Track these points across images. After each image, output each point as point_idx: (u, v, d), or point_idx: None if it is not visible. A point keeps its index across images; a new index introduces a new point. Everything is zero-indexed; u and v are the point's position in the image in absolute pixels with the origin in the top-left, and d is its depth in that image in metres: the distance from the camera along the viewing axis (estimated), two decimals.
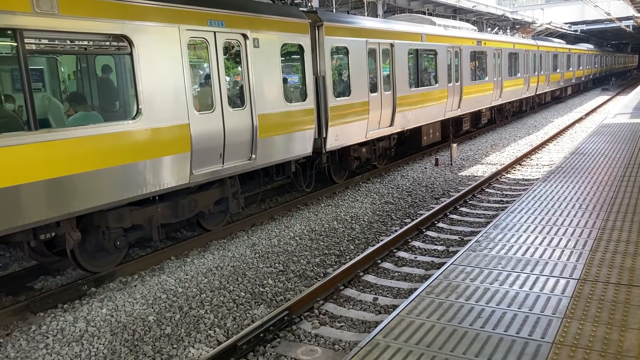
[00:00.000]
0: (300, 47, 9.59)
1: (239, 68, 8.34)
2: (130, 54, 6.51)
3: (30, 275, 7.12)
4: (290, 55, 9.80)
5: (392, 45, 12.34)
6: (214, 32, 7.67)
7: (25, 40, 5.57)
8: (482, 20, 29.92)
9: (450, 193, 11.09)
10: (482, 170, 13.27)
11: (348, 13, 13.04)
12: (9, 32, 5.46)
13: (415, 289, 6.18)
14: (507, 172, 12.82)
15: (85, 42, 6.76)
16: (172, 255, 7.74)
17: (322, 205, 10.33)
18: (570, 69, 32.76)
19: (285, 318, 5.57)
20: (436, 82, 14.65)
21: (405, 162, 14.30)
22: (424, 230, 8.60)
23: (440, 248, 7.83)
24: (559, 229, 5.69)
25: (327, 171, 11.32)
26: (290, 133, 9.31)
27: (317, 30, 9.97)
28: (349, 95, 10.85)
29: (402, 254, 7.67)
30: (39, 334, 5.57)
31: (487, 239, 5.50)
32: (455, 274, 4.64)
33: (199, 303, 6.21)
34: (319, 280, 6.67)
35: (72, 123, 6.39)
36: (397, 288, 6.53)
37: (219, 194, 8.39)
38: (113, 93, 7.35)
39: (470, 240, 7.10)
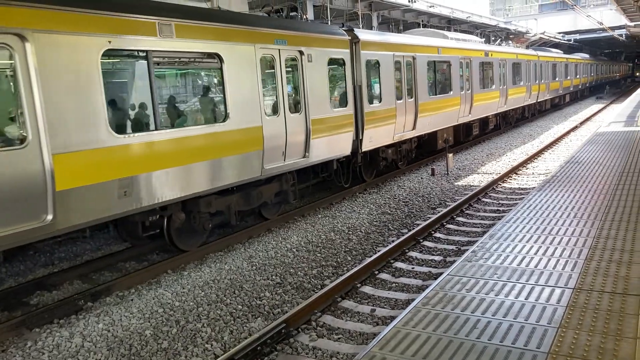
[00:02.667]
0: (343, 60, 11.12)
1: (296, 79, 9.92)
2: (221, 68, 8.06)
3: (26, 290, 7.09)
4: (335, 67, 11.17)
5: (414, 57, 13.78)
6: (279, 50, 9.27)
7: (153, 59, 7.09)
8: (476, 31, 30.16)
9: (447, 203, 11.12)
10: (478, 179, 13.31)
11: (343, 25, 13.21)
12: (142, 53, 6.97)
13: (413, 300, 6.18)
14: (503, 181, 12.87)
15: (191, 59, 8.23)
16: (169, 269, 7.74)
17: (319, 216, 10.34)
18: (568, 77, 33.88)
19: (283, 331, 5.56)
20: (450, 90, 16.03)
21: (402, 172, 14.34)
22: (421, 240, 8.62)
23: (437, 258, 7.84)
24: (554, 238, 5.71)
25: (359, 170, 12.51)
26: (336, 135, 10.79)
27: (354, 46, 11.48)
28: (380, 102, 12.28)
29: (399, 264, 7.68)
30: (34, 350, 5.54)
31: (483, 249, 5.52)
32: (451, 284, 4.65)
33: (195, 316, 6.19)
34: (316, 292, 6.66)
35: (180, 124, 7.86)
36: (395, 299, 6.53)
37: (278, 187, 9.86)
38: (209, 100, 8.76)
39: (467, 250, 7.11)
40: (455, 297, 4.36)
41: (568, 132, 21.38)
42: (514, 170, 13.97)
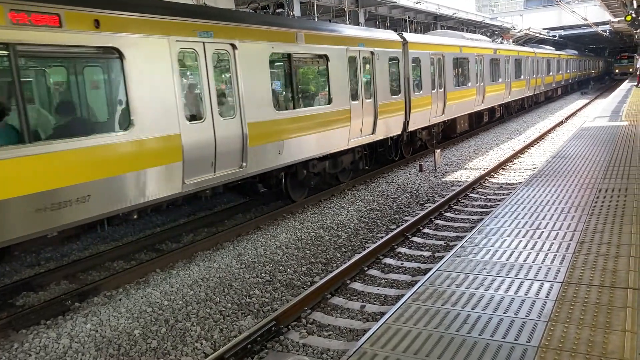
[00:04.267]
0: (397, 58, 13.68)
1: (368, 72, 12.24)
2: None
3: (12, 291, 6.99)
4: (393, 63, 13.55)
5: (443, 55, 16.57)
6: (359, 51, 11.76)
7: (293, 61, 9.77)
8: (462, 27, 30.27)
9: (435, 199, 11.16)
10: (465, 175, 13.38)
11: (330, 22, 13.32)
12: (286, 56, 9.63)
13: (402, 296, 6.18)
14: (490, 177, 12.95)
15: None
16: (157, 268, 7.67)
17: (308, 213, 10.32)
18: (560, 72, 36.80)
19: (273, 328, 5.54)
20: (469, 82, 18.94)
21: (390, 168, 14.37)
22: (410, 236, 8.64)
23: (426, 254, 7.87)
24: (542, 232, 5.75)
25: (400, 148, 14.98)
26: (393, 117, 13.35)
27: (404, 46, 14.13)
28: (420, 92, 14.87)
29: (388, 260, 7.69)
30: (21, 351, 5.47)
31: (472, 244, 5.54)
32: (441, 280, 4.66)
33: (185, 315, 6.15)
34: (306, 289, 6.65)
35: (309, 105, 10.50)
36: (384, 295, 6.53)
37: (352, 157, 12.31)
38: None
39: (455, 245, 7.14)
40: (445, 293, 4.37)
41: (554, 127, 21.57)
42: (501, 165, 14.06)
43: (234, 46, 8.36)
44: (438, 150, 14.43)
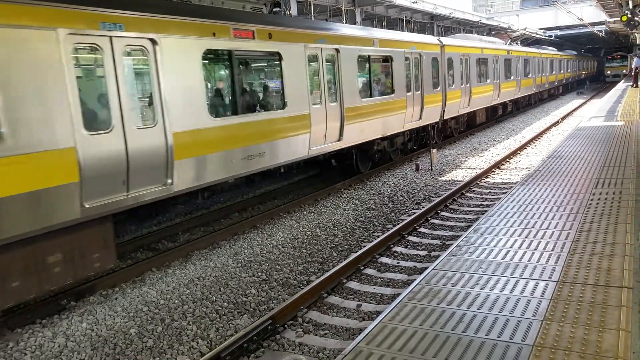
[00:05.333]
0: (437, 59, 16.48)
1: (410, 71, 14.65)
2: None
3: None
4: (434, 63, 16.33)
5: (469, 56, 19.42)
6: (411, 53, 14.70)
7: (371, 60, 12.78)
8: (458, 27, 30.32)
9: (431, 198, 11.18)
10: (462, 174, 13.41)
11: (326, 21, 13.50)
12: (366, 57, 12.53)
13: (398, 295, 6.20)
14: (486, 176, 12.98)
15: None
16: (153, 267, 7.66)
17: (305, 212, 10.32)
18: (561, 71, 38.97)
19: (269, 327, 5.54)
20: (487, 79, 21.72)
21: (386, 167, 14.39)
22: (406, 235, 8.65)
23: (422, 253, 7.88)
24: (538, 231, 5.77)
25: (434, 134, 17.62)
26: (434, 107, 16.17)
27: (441, 49, 16.94)
28: (453, 86, 17.69)
29: (384, 259, 7.70)
30: (16, 350, 5.45)
31: (468, 243, 5.55)
32: (437, 279, 4.68)
33: (181, 314, 6.14)
34: (302, 288, 6.66)
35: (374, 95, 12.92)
36: (380, 294, 6.55)
37: (403, 139, 15.23)
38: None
39: (451, 244, 7.16)
40: (441, 292, 4.39)
41: (550, 127, 21.63)
42: (497, 165, 14.10)
43: None
44: (434, 150, 14.45)
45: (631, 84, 32.68)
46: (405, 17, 23.65)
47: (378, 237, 8.58)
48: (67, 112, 5.94)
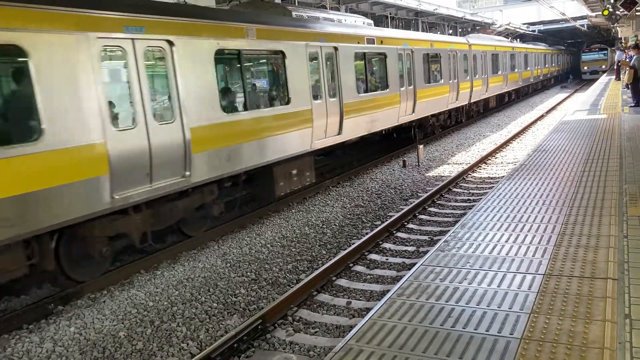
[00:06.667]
0: (466, 55, 20.83)
1: (455, 63, 19.34)
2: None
3: None
4: (465, 58, 20.79)
5: (486, 52, 23.62)
6: (450, 50, 19.01)
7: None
8: (443, 23, 30.44)
9: (419, 194, 11.23)
10: (448, 170, 13.49)
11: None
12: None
13: (388, 291, 6.23)
14: (473, 171, 13.07)
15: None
16: (142, 269, 7.61)
17: (293, 211, 10.32)
18: (546, 65, 40.94)
19: (259, 327, 5.54)
20: (499, 71, 25.95)
21: (374, 164, 14.42)
22: (394, 231, 8.69)
23: (410, 249, 7.92)
24: (524, 225, 5.83)
25: (459, 116, 21.78)
26: (465, 92, 20.42)
27: (470, 47, 21.47)
28: (477, 76, 22.00)
29: (373, 256, 7.73)
30: (3, 357, 5.39)
31: (455, 239, 5.59)
32: (425, 274, 4.70)
33: (170, 316, 6.11)
34: (292, 287, 6.66)
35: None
36: (370, 291, 6.57)
37: (444, 116, 19.44)
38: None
39: (439, 240, 7.20)
40: (430, 287, 4.41)
41: (535, 121, 21.83)
42: (484, 160, 14.20)
43: None
44: (421, 146, 14.52)
45: (614, 77, 33.06)
46: (390, 13, 23.70)
47: (367, 234, 8.61)
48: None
